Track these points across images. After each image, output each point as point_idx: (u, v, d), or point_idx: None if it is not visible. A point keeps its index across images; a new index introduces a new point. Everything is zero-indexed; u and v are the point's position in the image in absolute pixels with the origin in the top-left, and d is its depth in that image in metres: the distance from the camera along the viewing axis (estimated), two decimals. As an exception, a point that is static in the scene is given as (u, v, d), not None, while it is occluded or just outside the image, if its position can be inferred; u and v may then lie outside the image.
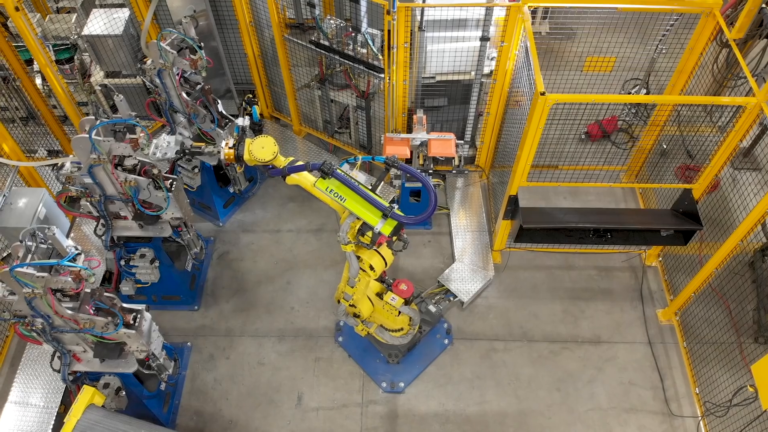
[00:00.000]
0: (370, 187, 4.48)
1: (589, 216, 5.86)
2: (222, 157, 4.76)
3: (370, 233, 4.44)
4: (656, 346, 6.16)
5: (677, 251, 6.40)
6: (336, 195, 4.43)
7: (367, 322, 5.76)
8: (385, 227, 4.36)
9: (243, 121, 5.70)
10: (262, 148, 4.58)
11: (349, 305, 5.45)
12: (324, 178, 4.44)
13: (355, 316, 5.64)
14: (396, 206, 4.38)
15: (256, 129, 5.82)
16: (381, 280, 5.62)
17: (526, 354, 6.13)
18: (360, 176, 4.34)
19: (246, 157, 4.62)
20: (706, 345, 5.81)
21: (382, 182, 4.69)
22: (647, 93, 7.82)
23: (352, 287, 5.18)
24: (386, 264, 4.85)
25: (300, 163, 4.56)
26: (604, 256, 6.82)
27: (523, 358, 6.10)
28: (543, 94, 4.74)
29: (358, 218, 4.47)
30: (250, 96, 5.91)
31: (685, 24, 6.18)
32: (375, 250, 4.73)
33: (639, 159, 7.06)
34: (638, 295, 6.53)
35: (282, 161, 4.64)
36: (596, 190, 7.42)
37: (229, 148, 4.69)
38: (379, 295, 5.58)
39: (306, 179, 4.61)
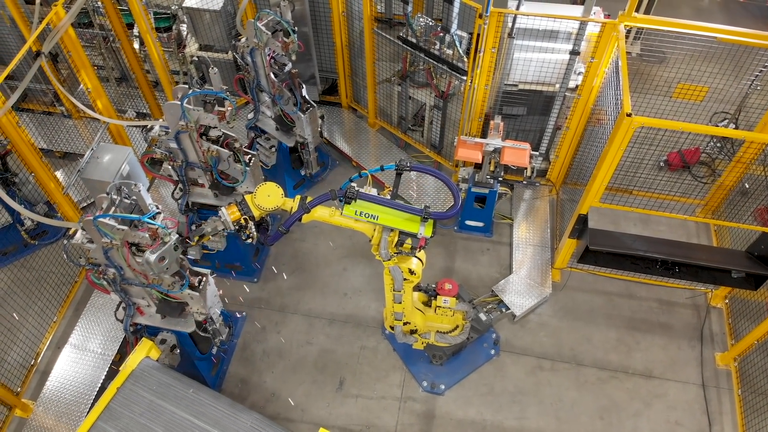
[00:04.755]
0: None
1: (659, 246, 5.69)
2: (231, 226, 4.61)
3: (409, 241, 4.38)
4: (709, 390, 5.94)
5: (745, 295, 6.15)
6: (367, 216, 4.35)
7: (423, 335, 5.82)
8: (427, 229, 4.33)
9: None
10: (267, 197, 4.47)
11: (403, 324, 5.50)
12: (349, 204, 4.32)
13: (412, 332, 5.70)
14: (428, 206, 4.32)
15: None
16: (424, 290, 5.65)
17: (573, 377, 6.03)
18: (372, 191, 4.32)
19: (256, 213, 4.53)
20: (761, 396, 5.57)
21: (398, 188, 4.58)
22: (735, 129, 7.51)
23: (400, 303, 5.20)
24: (422, 263, 4.82)
25: (310, 199, 4.45)
26: (667, 290, 6.60)
27: (569, 381, 6.00)
28: (629, 115, 4.65)
29: (392, 230, 4.42)
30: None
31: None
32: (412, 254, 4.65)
33: (718, 195, 6.80)
34: (698, 335, 6.30)
35: (291, 202, 4.52)
36: (669, 221, 7.17)
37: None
38: (426, 304, 5.63)
39: (324, 214, 4.49)
